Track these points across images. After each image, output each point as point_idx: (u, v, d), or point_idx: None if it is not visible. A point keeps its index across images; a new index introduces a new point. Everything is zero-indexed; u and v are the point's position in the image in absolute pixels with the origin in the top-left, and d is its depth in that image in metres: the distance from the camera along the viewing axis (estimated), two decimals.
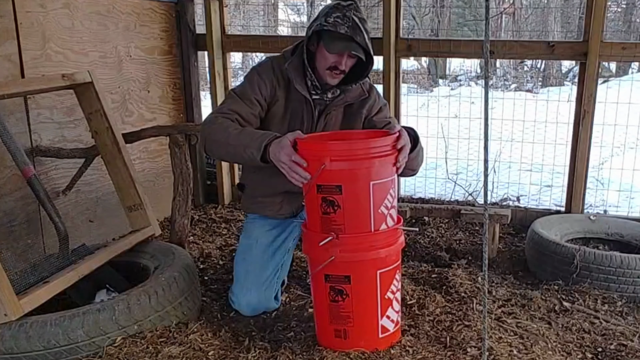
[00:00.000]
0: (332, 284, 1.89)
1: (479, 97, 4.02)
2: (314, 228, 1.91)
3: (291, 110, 2.19)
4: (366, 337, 1.93)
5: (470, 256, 2.95)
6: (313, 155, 1.82)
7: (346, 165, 1.80)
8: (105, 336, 1.86)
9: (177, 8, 3.51)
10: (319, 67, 2.14)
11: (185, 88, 3.66)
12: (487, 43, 1.54)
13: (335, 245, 1.83)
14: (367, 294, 1.90)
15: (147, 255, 2.37)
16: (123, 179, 2.49)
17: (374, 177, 1.82)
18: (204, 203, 3.80)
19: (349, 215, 1.83)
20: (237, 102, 2.12)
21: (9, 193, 2.44)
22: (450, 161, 4.14)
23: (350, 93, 2.22)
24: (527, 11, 11.37)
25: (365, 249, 1.85)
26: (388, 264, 1.91)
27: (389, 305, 1.95)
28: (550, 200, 3.84)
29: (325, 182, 1.81)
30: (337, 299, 1.90)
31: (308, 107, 2.20)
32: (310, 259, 1.99)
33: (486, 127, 1.61)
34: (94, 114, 2.48)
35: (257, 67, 2.23)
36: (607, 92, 3.84)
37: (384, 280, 1.91)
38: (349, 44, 2.03)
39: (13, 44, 2.44)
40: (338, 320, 1.91)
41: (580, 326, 2.20)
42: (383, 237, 1.88)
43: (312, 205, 1.89)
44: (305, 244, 1.99)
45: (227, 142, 2.00)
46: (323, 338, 1.99)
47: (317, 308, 2.00)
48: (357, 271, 1.87)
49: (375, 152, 1.81)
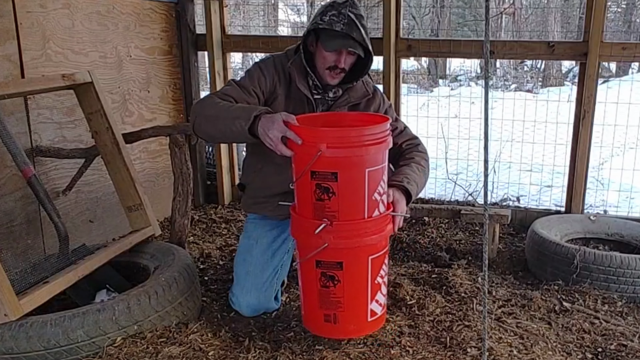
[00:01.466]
0: (324, 270, 1.87)
1: (479, 97, 4.02)
2: (305, 214, 1.88)
3: (292, 108, 2.18)
4: (356, 321, 1.93)
5: (470, 256, 2.95)
6: (309, 140, 1.79)
7: (343, 153, 1.77)
8: (105, 336, 1.86)
9: (177, 8, 3.51)
10: (318, 67, 2.13)
11: (185, 88, 3.66)
12: (487, 43, 1.54)
13: (329, 232, 1.81)
14: (358, 280, 1.89)
15: (147, 255, 2.37)
16: (123, 179, 2.49)
17: (369, 164, 1.81)
18: (204, 203, 3.80)
19: (344, 202, 1.80)
20: (234, 89, 2.10)
21: (9, 193, 2.44)
22: (450, 161, 4.14)
23: (354, 93, 2.21)
24: (527, 11, 11.38)
25: (359, 235, 1.83)
26: (379, 250, 1.91)
27: (378, 290, 1.96)
28: (550, 201, 3.84)
29: (321, 169, 1.78)
30: (328, 284, 1.88)
31: (309, 107, 2.19)
32: (300, 245, 1.96)
33: (486, 127, 1.61)
34: (94, 114, 2.48)
35: (260, 62, 2.22)
36: (607, 92, 3.84)
37: (375, 265, 1.91)
38: (346, 41, 2.03)
39: (13, 44, 2.44)
40: (328, 305, 1.90)
41: (580, 326, 2.20)
42: (375, 224, 1.87)
43: (304, 191, 1.85)
44: (296, 229, 1.95)
45: (217, 115, 1.95)
46: (311, 323, 1.99)
47: (305, 293, 1.97)
48: (350, 257, 1.86)
49: (371, 139, 1.79)
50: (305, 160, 1.79)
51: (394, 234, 2.01)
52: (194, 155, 3.65)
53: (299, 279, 2.01)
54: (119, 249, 2.30)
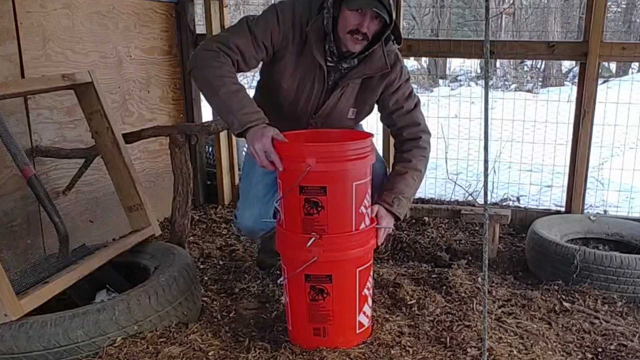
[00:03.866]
0: (314, 283, 1.90)
1: (479, 97, 4.02)
2: (293, 229, 1.90)
3: (302, 71, 2.09)
4: (345, 333, 1.97)
5: (470, 256, 2.95)
6: (296, 156, 1.82)
7: (332, 167, 1.81)
8: (105, 336, 1.86)
9: (177, 8, 3.51)
10: (340, 31, 2.01)
11: (185, 88, 3.66)
12: (487, 43, 1.54)
13: (318, 245, 1.85)
14: (347, 292, 1.93)
15: (147, 255, 2.37)
16: (123, 179, 2.49)
17: (356, 178, 1.85)
18: (204, 203, 3.80)
19: (333, 216, 1.84)
20: (244, 39, 2.00)
21: (9, 193, 2.44)
22: (450, 161, 4.14)
23: (371, 64, 2.11)
24: (527, 11, 11.38)
25: (347, 247, 1.88)
26: (365, 262, 1.96)
27: (365, 302, 2.00)
28: (550, 201, 3.84)
29: (310, 184, 1.81)
30: (317, 298, 1.91)
31: (320, 73, 2.10)
32: (287, 260, 1.98)
33: (486, 127, 1.61)
34: (94, 114, 2.48)
35: (279, 6, 2.07)
36: (607, 92, 3.84)
37: (362, 277, 1.95)
38: (372, 1, 1.92)
39: (13, 44, 2.44)
40: (317, 319, 1.93)
41: (581, 326, 2.20)
42: (362, 236, 1.92)
43: (292, 206, 1.88)
44: (283, 244, 1.97)
45: (217, 92, 1.93)
46: (299, 337, 2.00)
47: (293, 307, 1.99)
48: (339, 270, 1.90)
49: (357, 153, 1.84)
50: (293, 175, 1.82)
51: (377, 247, 2.03)
52: (194, 155, 3.65)
53: (286, 295, 2.02)
54: (119, 249, 2.30)
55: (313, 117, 2.21)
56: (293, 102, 2.18)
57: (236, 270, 2.73)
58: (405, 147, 2.20)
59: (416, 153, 2.17)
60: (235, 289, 2.51)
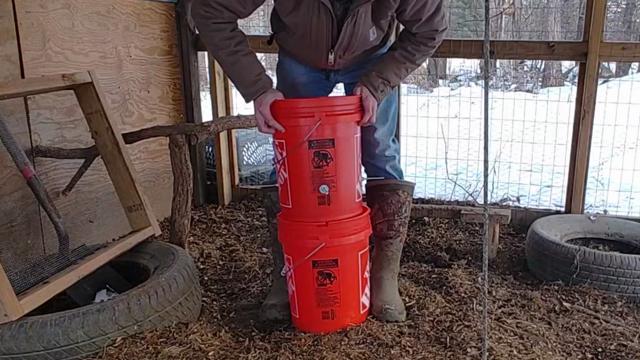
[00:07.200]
0: (321, 268, 2.03)
1: (479, 98, 4.01)
2: (303, 184, 1.99)
3: (304, 7, 1.94)
4: (351, 314, 2.10)
5: (470, 256, 2.95)
6: (305, 112, 1.94)
7: (339, 119, 1.96)
8: (105, 336, 1.86)
9: (177, 8, 3.51)
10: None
11: (185, 88, 3.66)
12: (487, 43, 1.54)
13: (325, 232, 1.99)
14: (351, 275, 2.08)
15: (147, 255, 2.37)
16: (123, 179, 2.49)
17: (355, 131, 2.04)
18: (204, 203, 3.80)
19: (341, 166, 1.99)
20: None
21: (9, 193, 2.44)
22: (450, 161, 4.14)
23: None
24: (527, 11, 11.39)
25: (351, 232, 2.04)
26: (364, 246, 2.12)
27: (365, 284, 2.16)
28: (550, 201, 3.84)
29: (319, 137, 1.95)
30: (325, 282, 2.04)
31: (324, 6, 1.93)
32: (292, 249, 2.07)
33: (486, 128, 1.61)
34: (94, 114, 2.48)
35: None
36: (607, 92, 3.85)
37: (363, 261, 2.12)
38: None
39: (13, 44, 2.44)
40: (325, 302, 2.06)
41: (580, 326, 2.20)
42: (362, 221, 2.09)
43: (301, 161, 1.98)
44: (289, 234, 2.07)
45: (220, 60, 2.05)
46: (308, 322, 2.09)
47: (301, 294, 2.09)
48: (344, 254, 2.05)
49: (354, 108, 2.01)
50: (300, 132, 1.95)
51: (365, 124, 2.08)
52: (194, 155, 3.65)
53: (292, 284, 2.10)
54: (119, 249, 2.30)
55: (331, 51, 2.08)
56: (303, 37, 2.07)
57: (236, 270, 2.73)
58: (415, 40, 2.10)
59: (423, 49, 2.10)
60: (235, 289, 2.52)
